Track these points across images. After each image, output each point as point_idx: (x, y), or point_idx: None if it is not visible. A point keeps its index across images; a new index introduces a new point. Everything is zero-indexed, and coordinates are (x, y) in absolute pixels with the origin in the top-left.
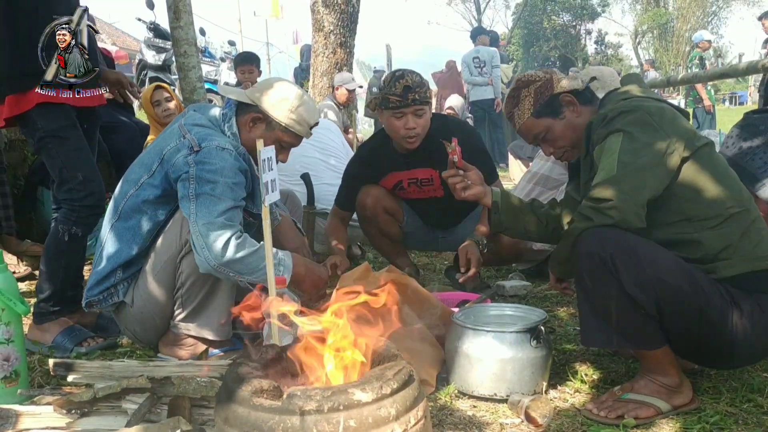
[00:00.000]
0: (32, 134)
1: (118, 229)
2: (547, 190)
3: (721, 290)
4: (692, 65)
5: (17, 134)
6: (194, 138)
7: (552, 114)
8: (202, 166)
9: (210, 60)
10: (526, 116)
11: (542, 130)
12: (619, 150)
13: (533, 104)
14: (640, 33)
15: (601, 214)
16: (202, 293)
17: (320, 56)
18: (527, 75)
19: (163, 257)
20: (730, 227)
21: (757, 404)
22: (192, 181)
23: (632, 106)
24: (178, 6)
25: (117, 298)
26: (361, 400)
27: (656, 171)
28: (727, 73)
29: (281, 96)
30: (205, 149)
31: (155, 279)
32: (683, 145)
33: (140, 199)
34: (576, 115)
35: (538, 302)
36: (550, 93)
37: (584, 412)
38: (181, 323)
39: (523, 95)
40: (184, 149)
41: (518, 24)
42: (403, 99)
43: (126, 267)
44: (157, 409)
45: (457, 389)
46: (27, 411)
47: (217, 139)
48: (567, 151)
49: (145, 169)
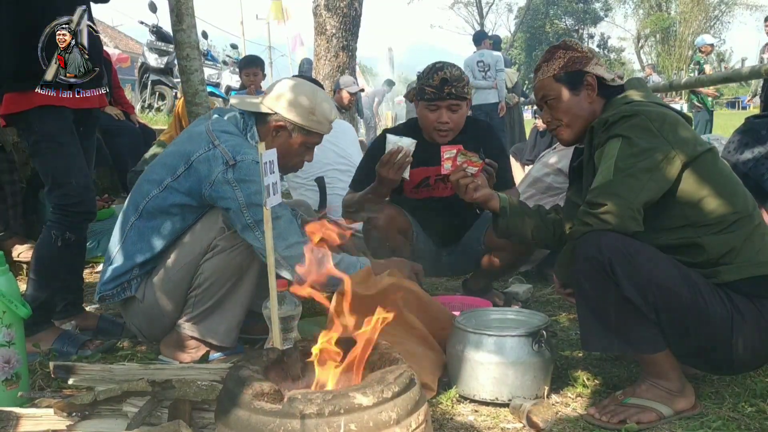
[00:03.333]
0: (27, 137)
1: (141, 229)
2: (546, 197)
3: (721, 295)
4: (695, 70)
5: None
6: (227, 150)
7: (569, 85)
8: (247, 187)
9: (212, 63)
10: (548, 74)
11: (553, 94)
12: (616, 155)
13: (561, 67)
14: (642, 37)
15: (598, 219)
16: (216, 297)
17: (322, 59)
18: (572, 42)
19: (186, 258)
20: (733, 232)
21: (760, 409)
22: (245, 209)
23: (633, 111)
24: (180, 9)
25: (129, 292)
26: (362, 404)
27: (653, 175)
28: (729, 77)
29: (299, 99)
30: (241, 164)
31: (172, 277)
32: (684, 151)
33: (168, 202)
34: (589, 100)
35: (540, 306)
36: (580, 67)
37: (586, 417)
38: (188, 323)
39: (558, 55)
40: (218, 163)
41: (521, 28)
42: (438, 92)
43: (143, 264)
44: (157, 413)
45: (458, 393)
46: (27, 414)
47: (249, 152)
48: (561, 126)
49: (168, 171)
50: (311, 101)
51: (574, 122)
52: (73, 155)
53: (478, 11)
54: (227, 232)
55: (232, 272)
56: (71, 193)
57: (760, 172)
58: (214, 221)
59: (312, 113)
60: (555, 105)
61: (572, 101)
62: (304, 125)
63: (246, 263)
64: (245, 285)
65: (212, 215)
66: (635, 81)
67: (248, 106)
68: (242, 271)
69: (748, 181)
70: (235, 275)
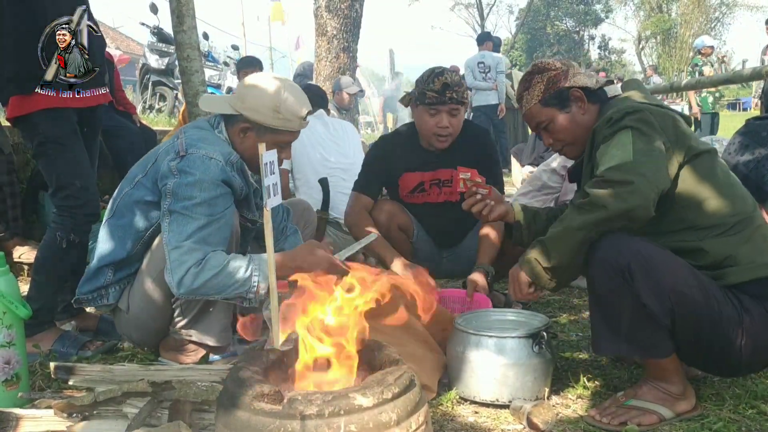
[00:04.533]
0: (32, 138)
1: (111, 227)
2: (541, 195)
3: (731, 297)
4: (696, 71)
5: (20, 138)
6: (183, 142)
7: (558, 105)
8: (183, 178)
9: (213, 64)
10: (533, 102)
11: (545, 119)
12: (633, 141)
13: (543, 92)
14: (643, 39)
15: (618, 198)
16: (201, 301)
17: (323, 61)
18: (545, 62)
19: (160, 264)
20: (734, 235)
21: (761, 411)
22: (169, 195)
23: (636, 107)
24: (181, 10)
25: (107, 300)
26: (362, 405)
27: (667, 165)
28: (731, 79)
29: (261, 99)
30: (189, 157)
31: (152, 286)
32: (681, 151)
33: (134, 198)
34: (582, 112)
35: (541, 308)
36: (562, 85)
37: (587, 419)
38: (183, 330)
39: (535, 81)
40: (172, 152)
41: (522, 29)
42: (440, 96)
43: (118, 267)
44: (157, 414)
45: (458, 395)
46: (28, 414)
47: (206, 147)
48: (566, 145)
49: (141, 167)
50: (275, 99)
51: (576, 138)
52: (77, 157)
53: (479, 13)
54: None
55: None
56: (75, 194)
57: (761, 173)
58: None
59: (277, 111)
60: (551, 128)
61: (567, 120)
62: (270, 125)
63: None
64: None
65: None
66: (634, 82)
67: (215, 108)
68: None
69: (748, 182)
70: None
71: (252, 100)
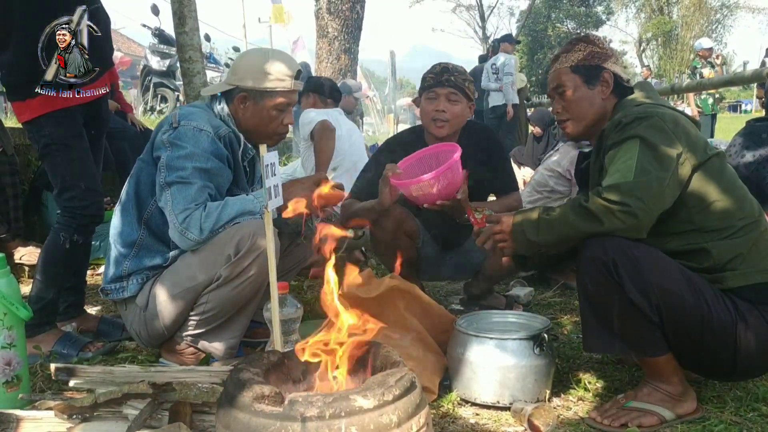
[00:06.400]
0: (38, 140)
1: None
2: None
3: (726, 301)
4: (696, 74)
5: (22, 139)
6: (177, 114)
7: (586, 78)
8: (174, 151)
9: (215, 66)
10: (566, 65)
11: (568, 85)
12: (637, 157)
13: (579, 59)
14: (644, 41)
15: (614, 217)
16: (218, 322)
17: (324, 62)
18: (595, 37)
19: (186, 283)
20: (739, 238)
21: (762, 413)
22: (163, 169)
23: (647, 113)
24: (183, 12)
25: (127, 293)
26: (362, 407)
27: (671, 184)
28: (732, 80)
29: (251, 65)
30: (181, 128)
31: (174, 297)
32: (694, 155)
33: (134, 175)
34: (603, 96)
35: (542, 309)
36: (599, 62)
37: (588, 421)
38: (190, 338)
39: (578, 47)
40: (166, 124)
41: (522, 31)
42: (437, 77)
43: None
44: (158, 415)
45: (459, 397)
46: (28, 416)
47: (197, 120)
48: (571, 119)
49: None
50: (263, 62)
51: (583, 116)
52: (83, 159)
53: (480, 14)
54: (233, 260)
55: (237, 303)
56: (80, 196)
57: (762, 174)
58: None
59: (267, 73)
60: (568, 97)
61: (585, 94)
62: (264, 88)
63: (251, 295)
64: (249, 310)
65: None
66: (644, 84)
67: (213, 90)
68: (247, 301)
69: (749, 183)
70: (239, 305)
71: (242, 69)
